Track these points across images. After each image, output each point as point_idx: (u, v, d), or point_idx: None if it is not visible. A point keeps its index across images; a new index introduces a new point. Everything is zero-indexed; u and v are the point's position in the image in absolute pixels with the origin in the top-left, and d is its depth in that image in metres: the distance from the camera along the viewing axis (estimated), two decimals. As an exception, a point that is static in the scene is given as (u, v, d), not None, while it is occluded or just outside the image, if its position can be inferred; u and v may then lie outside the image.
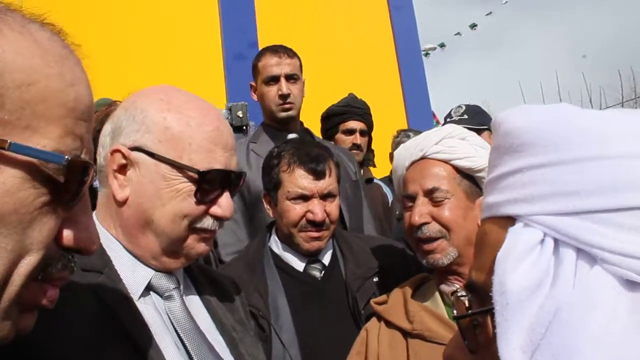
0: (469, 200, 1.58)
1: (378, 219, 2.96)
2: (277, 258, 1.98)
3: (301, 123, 2.89)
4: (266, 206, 2.04)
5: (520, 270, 0.56)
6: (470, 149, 1.60)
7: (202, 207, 1.14)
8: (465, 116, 3.38)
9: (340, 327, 1.84)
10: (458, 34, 17.33)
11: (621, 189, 0.54)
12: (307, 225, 1.91)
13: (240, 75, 4.52)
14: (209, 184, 1.13)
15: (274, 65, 2.76)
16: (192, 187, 1.11)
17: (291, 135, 2.69)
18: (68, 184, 0.62)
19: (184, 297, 1.21)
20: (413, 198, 1.59)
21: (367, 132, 3.68)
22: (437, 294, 1.62)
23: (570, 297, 0.53)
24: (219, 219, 1.16)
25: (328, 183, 1.93)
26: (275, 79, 2.76)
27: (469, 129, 3.30)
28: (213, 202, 1.15)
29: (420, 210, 1.56)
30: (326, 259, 1.99)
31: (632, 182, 0.54)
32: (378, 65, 6.08)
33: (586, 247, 0.55)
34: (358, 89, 3.93)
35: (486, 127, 3.35)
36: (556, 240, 0.57)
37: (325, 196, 1.92)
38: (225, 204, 1.16)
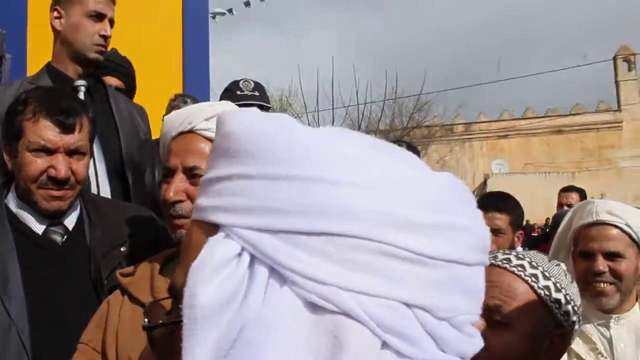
0: None
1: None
2: (12, 217, 1.78)
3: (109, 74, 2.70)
4: (5, 157, 1.81)
5: (214, 284, 0.54)
6: None
7: None
8: (257, 92, 3.35)
9: (78, 299, 1.72)
10: (247, 4, 17.44)
11: (314, 213, 0.54)
12: (47, 182, 1.74)
13: (-1, 1, 3.97)
14: None
15: (104, 3, 2.51)
16: None
17: (79, 82, 2.47)
18: None
19: None
20: (172, 171, 1.53)
21: (125, 92, 3.37)
22: None
23: (257, 316, 0.53)
24: None
25: (77, 139, 1.77)
26: (101, 17, 2.49)
27: (260, 106, 3.28)
28: None
29: (177, 187, 1.50)
30: (70, 223, 1.84)
31: (326, 207, 0.54)
32: (162, 23, 5.82)
33: (279, 267, 0.55)
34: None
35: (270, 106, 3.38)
36: (253, 256, 0.56)
37: (72, 152, 1.77)
38: None
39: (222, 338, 0.53)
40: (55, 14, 2.53)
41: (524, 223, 3.96)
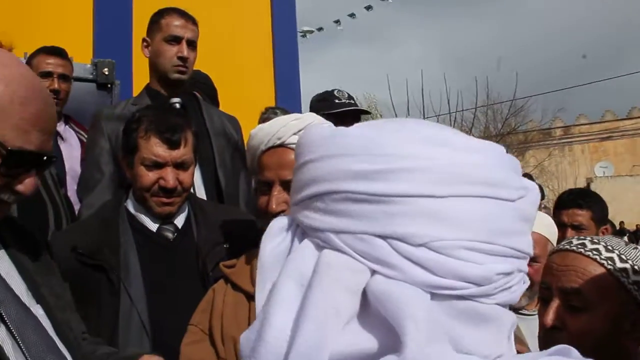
0: None
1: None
2: (131, 217, 2.03)
3: (190, 90, 2.88)
4: (124, 167, 2.08)
5: (273, 243, 0.80)
6: None
7: (4, 180, 1.17)
8: (352, 100, 3.40)
9: (188, 287, 1.93)
10: (337, 21, 17.71)
11: (309, 183, 0.76)
12: (158, 192, 1.99)
13: (108, 33, 4.35)
14: (15, 162, 1.15)
15: (180, 26, 2.71)
16: None
17: (174, 100, 2.70)
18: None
19: None
20: (270, 184, 1.64)
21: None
22: None
23: (290, 255, 0.77)
24: (17, 194, 1.20)
25: (182, 153, 2.00)
26: (177, 40, 2.71)
27: (359, 111, 3.35)
28: (16, 178, 1.18)
29: (278, 199, 1.62)
30: (179, 222, 2.08)
31: (314, 177, 0.75)
32: (253, 40, 6.10)
33: (301, 225, 0.78)
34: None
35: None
36: (297, 225, 0.79)
37: (178, 165, 2.00)
38: (29, 183, 1.20)
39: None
40: (144, 43, 2.81)
41: (618, 227, 3.81)
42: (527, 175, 4.10)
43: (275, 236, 0.80)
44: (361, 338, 0.70)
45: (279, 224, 0.82)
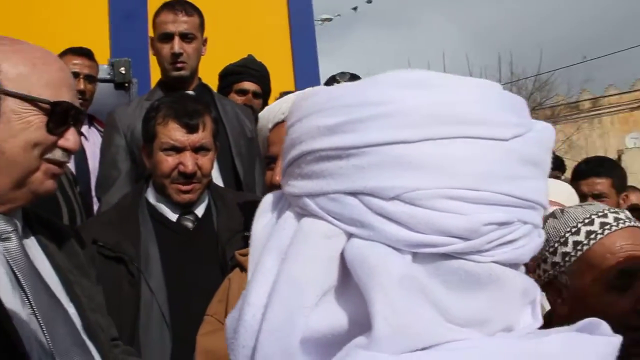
0: None
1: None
2: (151, 208, 2.06)
3: (199, 79, 2.88)
4: (144, 158, 2.11)
5: (263, 220, 0.76)
6: None
7: (52, 138, 1.22)
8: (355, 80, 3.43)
9: (208, 276, 1.95)
10: (355, 8, 17.62)
11: (286, 150, 0.73)
12: (178, 177, 1.99)
13: (125, 31, 4.39)
14: (58, 116, 1.21)
15: (169, 22, 2.73)
16: (43, 119, 1.20)
17: (187, 92, 2.68)
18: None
19: (22, 240, 1.27)
20: (274, 158, 1.65)
21: (261, 95, 3.62)
22: None
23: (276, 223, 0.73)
24: (67, 151, 1.25)
25: (201, 137, 2.01)
26: (168, 37, 2.73)
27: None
28: (62, 134, 1.24)
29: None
30: (199, 211, 2.09)
31: (289, 143, 0.72)
32: (270, 31, 6.09)
33: (286, 195, 0.74)
34: (249, 50, 3.91)
35: None
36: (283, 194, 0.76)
37: (197, 149, 2.01)
38: (73, 137, 1.26)
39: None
40: (151, 47, 2.87)
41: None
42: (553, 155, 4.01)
43: (267, 212, 0.76)
44: (338, 312, 0.64)
45: (269, 199, 0.77)
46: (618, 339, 0.66)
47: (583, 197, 2.82)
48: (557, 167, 4.22)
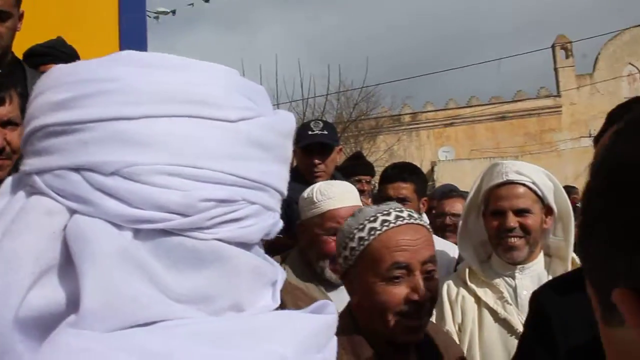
0: None
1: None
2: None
3: (13, 54, 2.72)
4: None
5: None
6: None
7: None
8: (326, 132, 3.42)
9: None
10: (191, 4, 17.31)
11: (25, 127, 0.70)
12: None
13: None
14: None
15: None
16: None
17: None
18: None
19: None
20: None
21: None
22: None
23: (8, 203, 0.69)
24: None
25: (8, 110, 1.95)
26: None
27: (325, 144, 3.33)
28: None
29: None
30: None
31: (27, 120, 0.70)
32: (97, 16, 5.76)
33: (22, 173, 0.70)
34: (75, 44, 3.70)
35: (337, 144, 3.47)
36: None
37: (4, 123, 1.95)
38: None
39: None
40: None
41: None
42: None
43: (5, 194, 0.70)
44: (57, 291, 0.62)
45: (9, 181, 0.71)
46: (333, 317, 0.71)
47: (389, 199, 3.04)
48: (367, 171, 4.65)
